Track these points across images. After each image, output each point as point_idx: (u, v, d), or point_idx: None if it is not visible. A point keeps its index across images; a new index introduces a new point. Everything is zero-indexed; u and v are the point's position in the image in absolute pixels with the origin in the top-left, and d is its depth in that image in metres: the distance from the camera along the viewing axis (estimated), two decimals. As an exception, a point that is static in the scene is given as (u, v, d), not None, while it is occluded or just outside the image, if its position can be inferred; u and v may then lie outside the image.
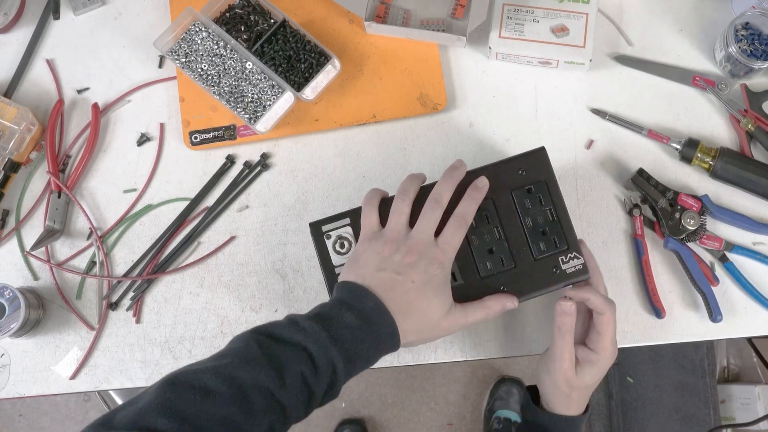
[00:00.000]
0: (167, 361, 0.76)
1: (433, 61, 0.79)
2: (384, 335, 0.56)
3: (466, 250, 0.63)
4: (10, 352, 0.78)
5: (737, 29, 0.75)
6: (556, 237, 0.63)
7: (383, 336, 0.56)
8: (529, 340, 0.74)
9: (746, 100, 0.76)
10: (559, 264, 0.63)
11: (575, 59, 0.76)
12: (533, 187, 0.64)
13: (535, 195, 0.64)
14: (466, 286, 0.63)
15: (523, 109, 0.79)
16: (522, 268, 0.63)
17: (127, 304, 0.78)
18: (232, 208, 0.79)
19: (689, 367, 1.52)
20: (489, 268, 0.63)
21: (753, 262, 0.74)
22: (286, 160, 0.80)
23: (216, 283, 0.78)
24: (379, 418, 1.67)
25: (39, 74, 0.84)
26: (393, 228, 0.61)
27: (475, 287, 0.63)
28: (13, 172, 0.80)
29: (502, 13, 0.77)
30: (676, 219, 0.73)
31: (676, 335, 0.74)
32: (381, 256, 0.59)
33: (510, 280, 0.63)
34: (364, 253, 0.60)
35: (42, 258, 0.79)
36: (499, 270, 0.63)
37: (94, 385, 0.77)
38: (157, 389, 0.49)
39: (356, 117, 0.78)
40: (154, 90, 0.82)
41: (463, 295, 0.62)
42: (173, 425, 0.46)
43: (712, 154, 0.73)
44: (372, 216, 0.62)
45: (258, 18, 0.78)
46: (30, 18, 0.85)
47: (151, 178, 0.80)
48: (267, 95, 0.75)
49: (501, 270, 0.63)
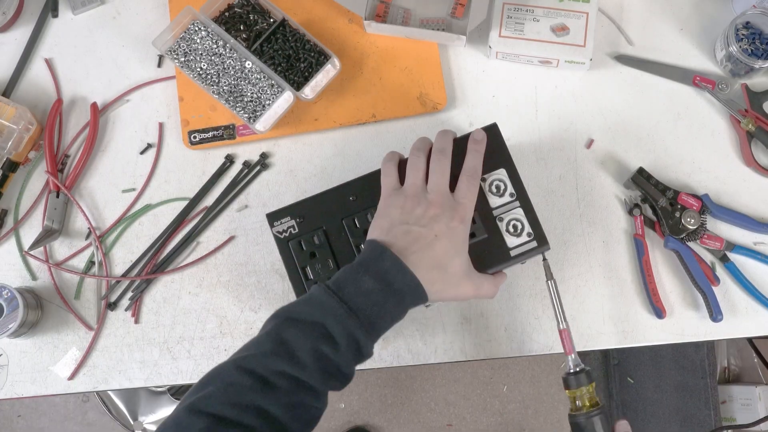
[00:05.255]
0: (166, 361, 0.76)
1: (433, 61, 0.79)
2: (407, 291, 0.56)
3: None
4: (9, 352, 0.78)
5: (738, 28, 0.75)
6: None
7: (406, 292, 0.56)
8: (529, 340, 0.74)
9: (747, 99, 0.76)
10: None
11: (575, 58, 0.76)
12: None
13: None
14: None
15: (523, 109, 0.79)
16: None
17: (125, 304, 0.78)
18: (232, 208, 0.79)
19: (690, 368, 1.52)
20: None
21: (754, 262, 0.74)
22: (285, 160, 0.80)
23: (215, 283, 0.78)
24: (379, 418, 1.66)
25: (38, 73, 0.84)
26: (412, 183, 0.62)
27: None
28: (11, 172, 0.80)
29: (502, 12, 0.77)
30: (677, 218, 0.73)
31: (677, 335, 0.74)
32: (404, 211, 0.60)
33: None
34: (387, 208, 0.61)
35: (40, 258, 0.79)
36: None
37: (93, 386, 0.76)
38: (191, 392, 0.54)
39: (356, 116, 0.78)
40: (153, 89, 0.82)
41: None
42: (202, 421, 0.51)
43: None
44: (392, 175, 0.64)
45: (257, 17, 0.78)
46: (29, 17, 0.85)
47: (150, 178, 0.80)
48: (266, 94, 0.75)
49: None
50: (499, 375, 1.68)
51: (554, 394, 1.67)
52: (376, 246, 0.58)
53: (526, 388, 1.67)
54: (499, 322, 0.75)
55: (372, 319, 0.55)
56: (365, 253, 0.58)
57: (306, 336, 0.54)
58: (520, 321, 0.75)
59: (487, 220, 0.64)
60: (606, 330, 0.74)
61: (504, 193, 0.64)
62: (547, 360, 1.67)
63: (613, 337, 0.74)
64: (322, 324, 0.54)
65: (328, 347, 0.54)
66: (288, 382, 0.53)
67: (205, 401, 0.52)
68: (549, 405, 1.67)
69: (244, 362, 0.54)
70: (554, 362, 1.67)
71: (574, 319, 0.74)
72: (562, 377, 0.65)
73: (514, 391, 1.67)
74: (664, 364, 1.53)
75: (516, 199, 0.64)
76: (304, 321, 0.55)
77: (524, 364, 1.67)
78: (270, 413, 0.52)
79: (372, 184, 0.65)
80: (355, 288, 0.56)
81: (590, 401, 0.63)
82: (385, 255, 0.57)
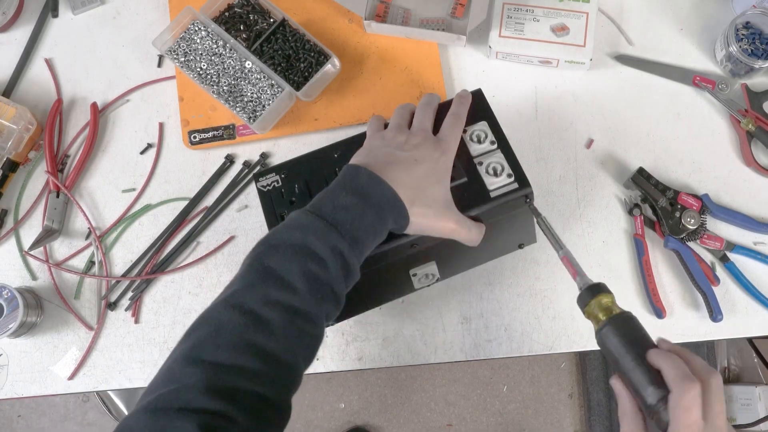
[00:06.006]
0: (166, 361, 0.76)
1: (433, 61, 0.79)
2: (385, 204, 0.54)
3: None
4: (9, 352, 0.78)
5: (738, 28, 0.75)
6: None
7: (384, 205, 0.54)
8: (528, 340, 0.74)
9: (747, 99, 0.76)
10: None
11: (575, 58, 0.76)
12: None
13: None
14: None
15: (523, 109, 0.79)
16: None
17: (125, 304, 0.78)
18: (232, 208, 0.79)
19: (689, 368, 1.52)
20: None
21: (754, 262, 0.74)
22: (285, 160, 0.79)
23: (215, 283, 0.77)
24: (379, 418, 1.66)
25: (38, 73, 0.84)
26: (396, 123, 0.62)
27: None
28: (11, 172, 0.80)
29: (502, 12, 0.77)
30: (677, 218, 0.73)
31: (677, 335, 0.74)
32: (384, 139, 0.60)
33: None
34: (368, 141, 0.62)
35: (40, 258, 0.79)
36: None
37: (93, 386, 0.76)
38: (181, 341, 0.50)
39: (356, 116, 0.78)
40: (153, 89, 0.82)
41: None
42: (198, 371, 0.47)
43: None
44: (376, 123, 0.64)
45: (257, 17, 0.78)
46: (29, 17, 0.85)
47: (150, 178, 0.80)
48: (266, 94, 0.75)
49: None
50: (499, 375, 1.68)
51: (554, 394, 1.67)
52: (351, 167, 0.57)
53: (526, 388, 1.67)
54: (499, 322, 0.75)
55: (353, 232, 0.53)
56: (341, 175, 0.57)
57: (291, 258, 0.51)
58: (520, 321, 0.75)
59: (468, 166, 0.62)
60: (606, 330, 0.74)
61: (485, 141, 0.63)
62: (547, 360, 1.67)
63: (613, 337, 0.74)
64: (304, 243, 0.51)
65: (316, 265, 0.51)
66: (281, 312, 0.50)
67: (198, 348, 0.48)
68: (549, 405, 1.67)
69: (232, 299, 0.50)
70: (554, 362, 1.67)
71: (574, 320, 0.74)
72: (576, 300, 0.57)
73: (514, 391, 1.67)
74: (665, 364, 1.53)
75: (497, 147, 0.63)
76: (286, 244, 0.52)
77: (524, 364, 1.67)
78: (267, 349, 0.48)
79: (359, 142, 0.64)
80: (333, 205, 0.53)
81: (604, 314, 0.54)
82: (360, 171, 0.55)
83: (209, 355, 0.48)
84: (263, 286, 0.50)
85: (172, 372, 0.48)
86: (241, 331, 0.48)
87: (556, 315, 0.74)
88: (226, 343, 0.48)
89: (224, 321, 0.49)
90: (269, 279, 0.50)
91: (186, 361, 0.48)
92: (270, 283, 0.50)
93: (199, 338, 0.49)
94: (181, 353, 0.48)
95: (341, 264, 0.52)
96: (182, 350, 0.49)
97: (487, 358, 0.74)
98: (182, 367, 0.47)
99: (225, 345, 0.48)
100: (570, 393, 1.67)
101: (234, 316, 0.49)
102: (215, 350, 0.48)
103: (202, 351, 0.48)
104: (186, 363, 0.48)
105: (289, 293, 0.50)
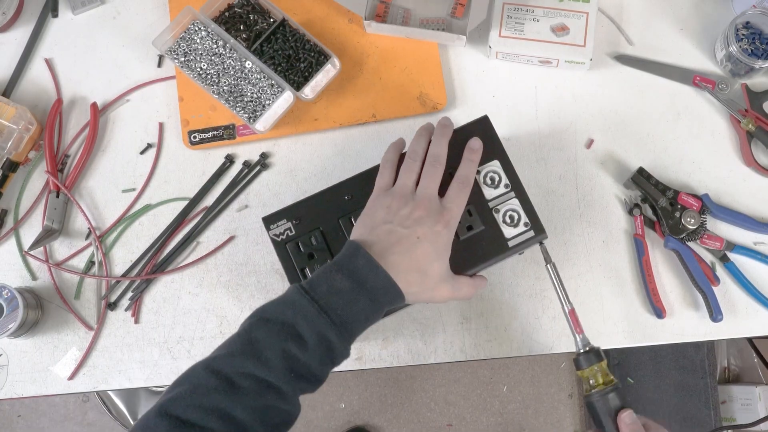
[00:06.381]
0: (166, 361, 0.76)
1: (433, 61, 0.79)
2: (380, 290, 0.56)
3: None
4: (9, 352, 0.78)
5: (738, 28, 0.75)
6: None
7: (379, 291, 0.56)
8: (528, 340, 0.74)
9: (747, 99, 0.76)
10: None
11: (575, 58, 0.76)
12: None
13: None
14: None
15: (523, 109, 0.79)
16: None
17: (125, 304, 0.78)
18: (232, 208, 0.79)
19: (690, 368, 1.52)
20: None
21: (754, 262, 0.74)
22: (285, 160, 0.80)
23: (215, 283, 0.78)
24: (379, 418, 1.66)
25: (38, 73, 0.84)
26: (403, 185, 0.62)
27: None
28: (11, 172, 0.80)
29: (502, 12, 0.77)
30: (677, 218, 0.73)
31: (677, 335, 0.74)
32: (389, 210, 0.60)
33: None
34: (373, 208, 0.62)
35: (40, 258, 0.79)
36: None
37: (93, 386, 0.76)
38: (165, 392, 0.54)
39: (356, 116, 0.78)
40: (153, 89, 0.82)
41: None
42: (166, 423, 0.51)
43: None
44: (386, 176, 0.64)
45: (257, 17, 0.78)
46: (29, 17, 0.85)
47: (149, 178, 0.80)
48: (266, 94, 0.75)
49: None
50: (499, 375, 1.68)
51: (554, 394, 1.67)
52: (351, 245, 0.58)
53: (526, 388, 1.67)
54: (499, 322, 0.75)
55: (344, 318, 0.55)
56: (341, 253, 0.58)
57: (275, 336, 0.54)
58: (520, 321, 0.75)
59: (484, 212, 0.64)
60: (606, 330, 0.74)
61: (499, 184, 0.64)
62: (547, 360, 1.67)
63: (613, 337, 0.74)
64: (292, 324, 0.54)
65: (296, 347, 0.53)
66: (253, 384, 0.52)
67: (173, 403, 0.52)
68: (549, 405, 1.67)
69: (213, 363, 0.54)
70: (554, 362, 1.67)
71: (574, 319, 0.74)
72: (573, 359, 0.63)
73: (514, 391, 1.67)
74: (664, 364, 1.53)
75: (511, 190, 0.64)
76: (275, 321, 0.55)
77: (524, 364, 1.67)
78: (234, 416, 0.51)
79: (367, 182, 0.65)
80: (328, 287, 0.55)
81: (604, 379, 0.61)
82: (358, 253, 0.57)
83: (180, 411, 0.51)
84: (242, 357, 0.53)
85: (146, 421, 0.52)
86: (213, 394, 0.52)
87: (556, 315, 0.74)
88: (197, 404, 0.51)
89: (201, 382, 0.53)
90: (249, 351, 0.53)
91: (159, 413, 0.52)
92: (249, 355, 0.53)
93: (177, 394, 0.52)
94: (159, 405, 0.52)
95: (325, 347, 0.55)
96: (161, 402, 0.53)
97: (487, 358, 0.74)
98: (155, 416, 0.52)
99: (196, 405, 0.51)
100: (570, 393, 1.67)
101: (211, 379, 0.52)
102: (186, 408, 0.51)
103: (176, 406, 0.52)
104: (158, 414, 0.52)
105: (263, 368, 0.53)
